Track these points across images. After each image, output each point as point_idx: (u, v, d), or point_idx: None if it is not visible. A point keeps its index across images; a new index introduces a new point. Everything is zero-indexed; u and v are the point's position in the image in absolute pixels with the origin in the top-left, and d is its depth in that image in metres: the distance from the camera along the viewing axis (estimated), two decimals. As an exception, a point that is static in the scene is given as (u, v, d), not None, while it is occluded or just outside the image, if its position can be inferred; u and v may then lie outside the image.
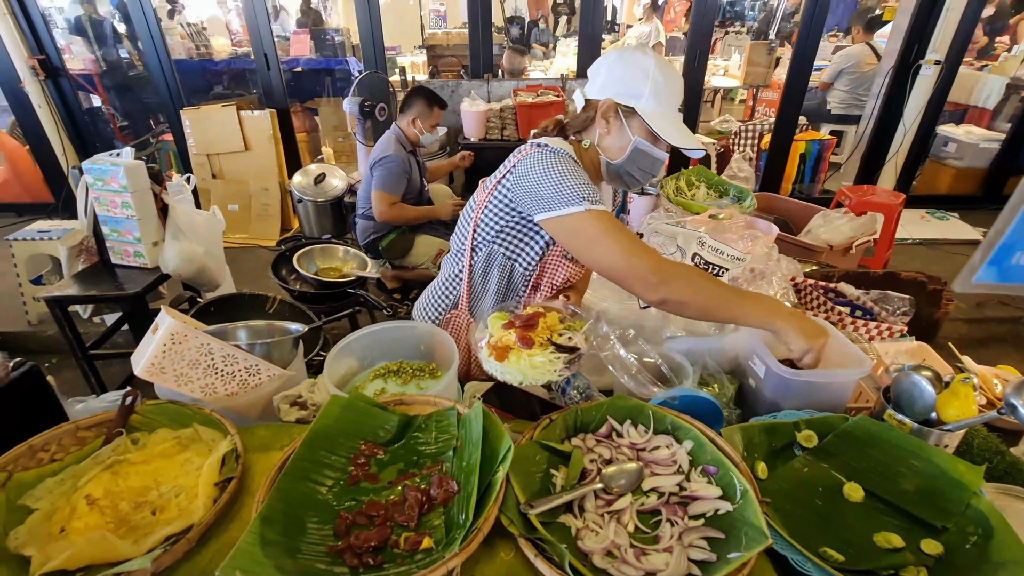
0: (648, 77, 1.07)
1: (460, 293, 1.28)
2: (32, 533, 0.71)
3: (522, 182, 1.08)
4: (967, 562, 0.71)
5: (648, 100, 1.08)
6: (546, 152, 1.07)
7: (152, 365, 0.90)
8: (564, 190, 1.01)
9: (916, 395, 0.88)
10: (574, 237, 1.03)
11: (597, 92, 1.12)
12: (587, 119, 1.15)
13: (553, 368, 0.94)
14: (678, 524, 0.74)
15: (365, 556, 0.69)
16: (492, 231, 1.18)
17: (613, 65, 1.10)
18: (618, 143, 1.12)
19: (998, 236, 0.54)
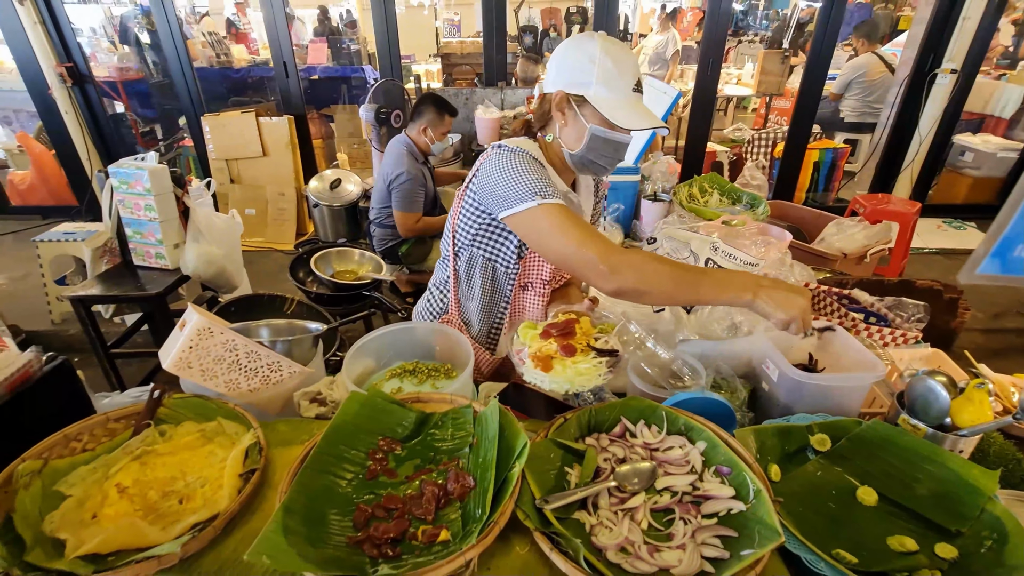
0: (595, 63, 1.06)
1: (449, 298, 1.31)
2: (66, 518, 0.74)
3: (484, 184, 1.11)
4: (981, 566, 0.71)
5: (598, 87, 1.07)
6: (504, 152, 1.10)
7: (179, 359, 0.93)
8: (517, 187, 1.04)
9: (931, 400, 0.88)
10: (530, 231, 1.05)
11: (550, 85, 1.13)
12: (545, 113, 1.17)
13: (598, 373, 0.95)
14: (691, 522, 0.75)
15: (384, 547, 0.71)
16: (469, 235, 1.21)
17: (563, 57, 1.10)
18: (575, 133, 1.13)
19: (1000, 229, 0.55)
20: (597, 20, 4.09)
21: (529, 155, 1.11)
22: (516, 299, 1.29)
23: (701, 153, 4.26)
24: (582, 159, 1.15)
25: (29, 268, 3.63)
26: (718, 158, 4.39)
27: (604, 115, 1.06)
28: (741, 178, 3.31)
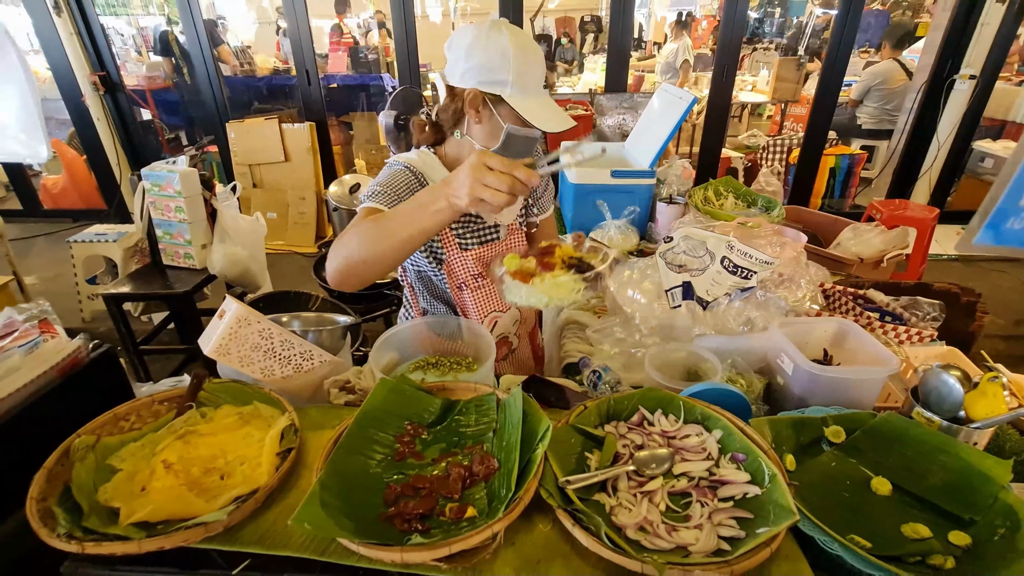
0: (509, 61, 1.02)
1: (412, 310, 1.37)
2: (118, 490, 0.79)
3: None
4: (994, 553, 0.73)
5: (514, 88, 1.04)
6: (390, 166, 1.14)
7: (219, 346, 0.98)
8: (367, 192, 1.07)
9: (944, 393, 0.90)
10: None
11: (460, 80, 1.07)
12: (456, 111, 1.12)
13: (576, 288, 0.92)
14: (708, 505, 0.78)
15: (413, 522, 0.75)
16: None
17: (472, 50, 1.04)
18: (490, 130, 1.10)
19: (993, 202, 0.58)
20: (612, 28, 4.14)
21: (403, 167, 1.10)
22: (458, 300, 1.29)
23: (716, 159, 4.28)
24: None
25: (60, 269, 3.76)
26: (733, 164, 4.41)
27: (525, 118, 1.04)
28: (756, 184, 3.31)
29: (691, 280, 1.26)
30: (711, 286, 1.25)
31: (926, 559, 0.73)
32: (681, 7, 9.87)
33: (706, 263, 1.29)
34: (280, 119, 4.12)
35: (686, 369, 1.15)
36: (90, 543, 0.68)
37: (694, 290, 1.24)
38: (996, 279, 3.52)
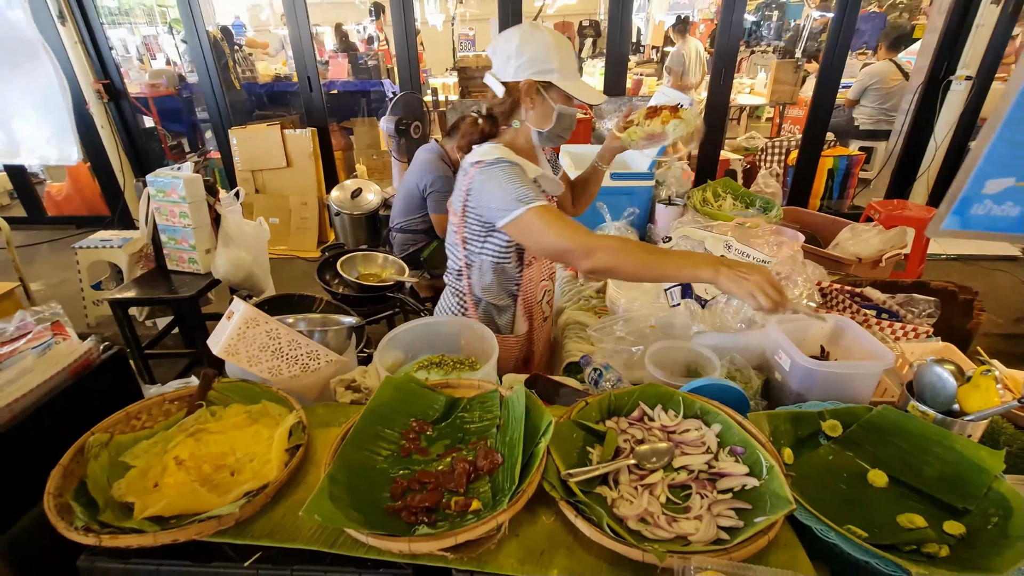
0: (553, 51, 1.19)
1: (468, 302, 1.42)
2: (131, 486, 0.81)
3: (480, 201, 1.23)
4: (987, 541, 0.75)
5: (559, 73, 1.20)
6: (484, 169, 1.20)
7: (228, 346, 1.00)
8: (505, 198, 1.14)
9: (938, 387, 0.92)
10: (521, 234, 1.17)
11: (513, 75, 1.22)
12: (512, 102, 1.26)
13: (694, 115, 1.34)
14: (707, 497, 0.79)
15: (420, 515, 0.77)
16: (478, 243, 1.33)
17: (522, 48, 1.19)
18: (544, 114, 1.25)
19: (958, 190, 0.61)
20: (610, 33, 4.18)
21: (506, 162, 1.20)
22: (525, 275, 1.41)
23: (714, 161, 4.31)
24: (550, 135, 1.28)
25: (65, 275, 3.79)
26: (731, 166, 4.43)
27: (572, 95, 1.22)
28: (755, 185, 3.34)
29: (690, 279, 1.28)
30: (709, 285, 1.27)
31: (921, 548, 0.75)
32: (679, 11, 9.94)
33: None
34: (282, 125, 4.16)
35: (686, 366, 1.17)
36: (107, 536, 0.70)
37: (692, 288, 1.26)
38: (996, 278, 3.53)
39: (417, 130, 3.83)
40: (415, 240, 2.74)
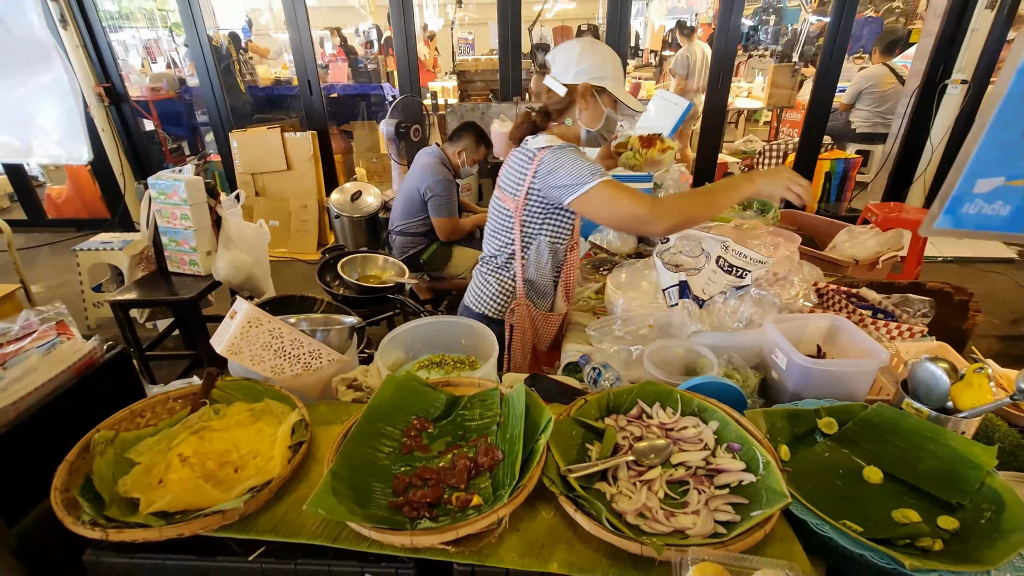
0: (608, 62, 1.38)
1: (516, 284, 1.51)
2: (136, 482, 0.82)
3: (547, 180, 1.34)
4: (980, 535, 0.76)
5: (612, 80, 1.38)
6: (554, 151, 1.33)
7: (231, 345, 1.01)
8: (576, 175, 1.28)
9: (932, 384, 0.93)
10: (592, 207, 1.30)
11: (573, 78, 1.37)
12: (568, 102, 1.41)
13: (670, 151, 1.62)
14: (705, 492, 0.81)
15: (421, 510, 0.78)
16: (536, 225, 1.44)
17: (582, 56, 1.37)
18: (595, 115, 1.42)
19: (950, 190, 0.62)
20: (609, 37, 4.21)
21: (572, 146, 1.36)
22: (568, 259, 1.55)
23: (712, 164, 4.33)
24: (597, 135, 1.45)
25: (65, 277, 3.80)
26: (730, 169, 4.46)
27: (622, 100, 1.40)
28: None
29: (687, 279, 1.30)
30: (707, 284, 1.29)
31: (915, 542, 0.76)
32: (677, 16, 9.99)
33: (702, 263, 1.32)
34: (282, 128, 4.18)
35: (683, 365, 1.18)
36: (113, 530, 0.71)
37: (690, 288, 1.28)
38: (992, 280, 3.56)
39: (417, 133, 3.85)
40: (415, 243, 2.76)
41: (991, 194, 0.63)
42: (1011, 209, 0.63)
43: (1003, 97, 0.56)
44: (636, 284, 1.46)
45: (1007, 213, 0.64)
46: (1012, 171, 0.61)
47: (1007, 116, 0.57)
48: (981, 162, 0.61)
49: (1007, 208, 0.64)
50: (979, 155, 0.61)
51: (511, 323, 1.54)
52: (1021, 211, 0.62)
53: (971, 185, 0.62)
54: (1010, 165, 0.61)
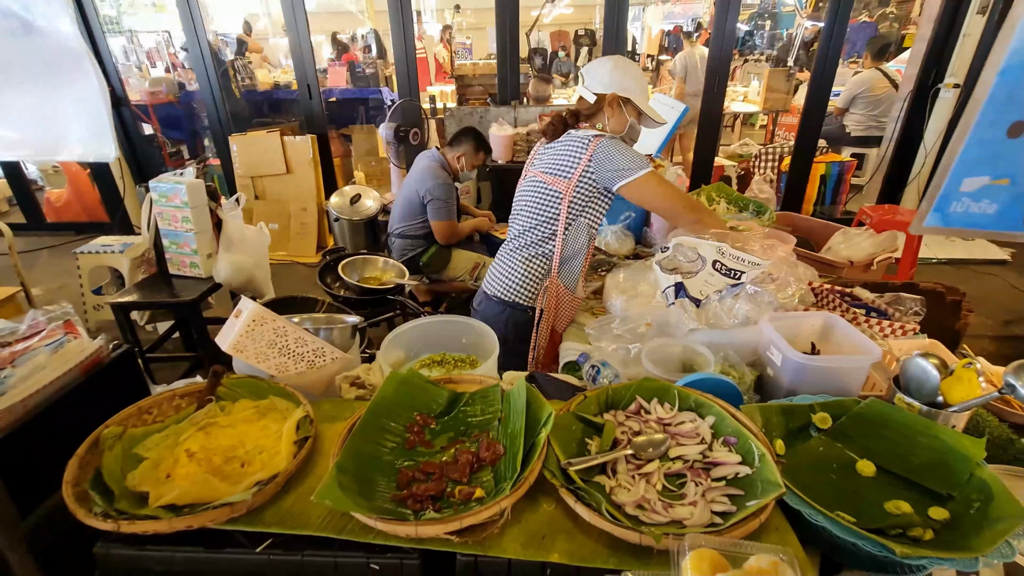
0: (635, 78, 1.56)
1: (552, 263, 1.61)
2: (145, 476, 0.83)
3: (604, 164, 1.48)
4: (969, 524, 0.78)
5: (638, 93, 1.56)
6: (609, 140, 1.50)
7: (237, 343, 1.03)
8: (633, 162, 1.46)
9: (923, 379, 0.95)
10: (642, 189, 1.48)
11: (603, 88, 1.55)
12: (597, 108, 1.58)
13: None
14: (702, 484, 0.83)
15: (425, 503, 0.80)
16: (580, 206, 1.56)
17: (613, 70, 1.55)
18: (620, 123, 1.59)
19: (937, 189, 0.65)
20: (606, 42, 4.25)
21: (619, 138, 1.54)
22: (590, 249, 1.67)
23: (709, 167, 4.37)
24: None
25: (65, 280, 3.80)
26: (726, 172, 4.49)
27: (646, 112, 1.57)
28: (749, 191, 3.40)
29: (684, 281, 1.32)
30: (704, 286, 1.31)
31: (907, 532, 0.78)
32: (674, 20, 10.07)
33: (699, 267, 1.35)
34: (282, 131, 4.20)
35: (681, 363, 1.20)
36: (124, 521, 0.72)
37: (687, 289, 1.30)
38: (986, 281, 3.59)
39: (416, 137, 3.88)
40: (414, 245, 2.78)
41: (977, 193, 0.65)
42: (997, 207, 0.66)
43: (985, 99, 0.59)
44: (634, 285, 1.48)
45: (993, 211, 0.66)
46: (996, 170, 0.64)
47: (990, 117, 0.60)
48: (966, 162, 0.64)
49: (993, 206, 0.66)
50: (964, 155, 0.63)
51: (541, 307, 1.63)
52: (1007, 209, 0.65)
53: (958, 184, 0.64)
54: (994, 165, 0.64)
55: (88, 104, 0.62)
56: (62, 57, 0.55)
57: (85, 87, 0.60)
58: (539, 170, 1.61)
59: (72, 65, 0.57)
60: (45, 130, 0.64)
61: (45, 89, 0.60)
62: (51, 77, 0.58)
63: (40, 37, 0.53)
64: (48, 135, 0.64)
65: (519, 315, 1.65)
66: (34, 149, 0.69)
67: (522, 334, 1.65)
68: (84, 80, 0.59)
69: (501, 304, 1.66)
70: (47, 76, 0.58)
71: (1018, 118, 0.58)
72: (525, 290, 1.64)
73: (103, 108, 0.61)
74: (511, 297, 1.65)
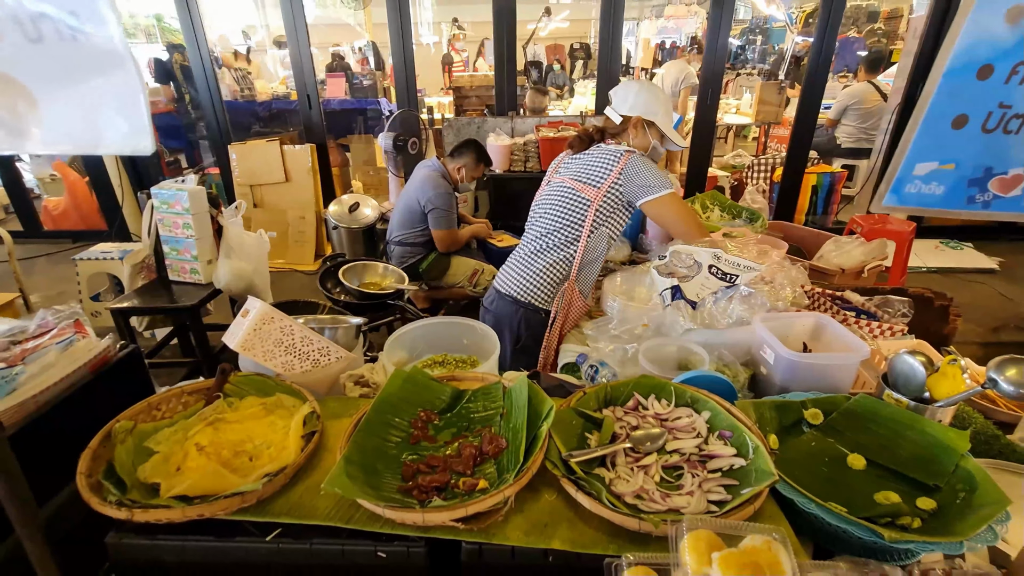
0: (660, 102, 1.63)
1: (571, 269, 1.65)
2: (155, 469, 0.85)
3: (633, 179, 1.55)
4: (955, 512, 0.81)
5: (662, 117, 1.63)
6: (639, 156, 1.57)
7: (245, 341, 1.05)
8: (658, 180, 1.53)
9: (910, 375, 0.99)
10: (662, 208, 1.55)
11: (628, 110, 1.64)
12: (623, 128, 1.67)
13: None
14: (698, 475, 0.85)
15: (430, 494, 0.82)
16: (605, 215, 1.61)
17: (639, 93, 1.64)
18: (643, 144, 1.66)
19: (894, 173, 0.70)
20: (601, 56, 4.34)
21: (643, 155, 1.59)
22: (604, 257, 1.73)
23: (703, 178, 4.44)
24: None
25: (63, 287, 3.80)
26: (719, 182, 4.57)
27: (669, 136, 1.65)
28: (742, 201, 3.45)
29: (681, 285, 1.36)
30: (700, 290, 1.35)
31: (896, 520, 0.81)
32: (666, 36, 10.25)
33: (695, 272, 1.39)
34: (281, 140, 4.24)
35: (677, 362, 1.23)
36: (138, 510, 0.74)
37: (683, 292, 1.34)
38: (975, 289, 3.66)
39: (414, 146, 3.93)
40: (413, 252, 2.81)
41: (928, 176, 0.73)
42: (944, 189, 0.73)
43: (933, 95, 0.66)
44: (631, 288, 1.52)
45: (941, 192, 0.74)
46: (943, 157, 0.72)
47: (937, 111, 0.67)
48: (918, 149, 0.71)
49: (941, 188, 0.74)
50: (916, 143, 0.71)
51: (556, 309, 1.66)
52: (953, 190, 0.72)
53: (911, 168, 0.70)
54: (941, 152, 0.72)
55: (128, 100, 0.65)
56: (106, 58, 0.58)
57: (126, 85, 0.63)
58: (568, 176, 1.66)
59: (114, 66, 0.60)
60: (85, 126, 0.66)
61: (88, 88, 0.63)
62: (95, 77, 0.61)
63: (86, 39, 0.56)
64: (88, 130, 0.67)
65: (532, 316, 1.68)
66: (74, 144, 0.71)
67: (534, 334, 1.68)
68: (126, 79, 0.62)
69: (516, 304, 1.70)
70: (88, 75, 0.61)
71: (960, 112, 0.66)
72: (543, 292, 1.67)
73: (142, 104, 0.65)
74: (527, 298, 1.68)
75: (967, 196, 0.72)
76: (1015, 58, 0.64)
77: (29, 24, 0.57)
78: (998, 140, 0.67)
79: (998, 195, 0.72)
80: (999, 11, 0.61)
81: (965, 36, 0.62)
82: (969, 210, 0.73)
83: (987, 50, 0.64)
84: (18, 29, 0.57)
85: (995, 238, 4.39)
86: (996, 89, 0.65)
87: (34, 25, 0.57)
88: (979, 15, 0.61)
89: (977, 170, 0.71)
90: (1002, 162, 0.70)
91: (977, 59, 0.65)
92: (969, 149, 0.68)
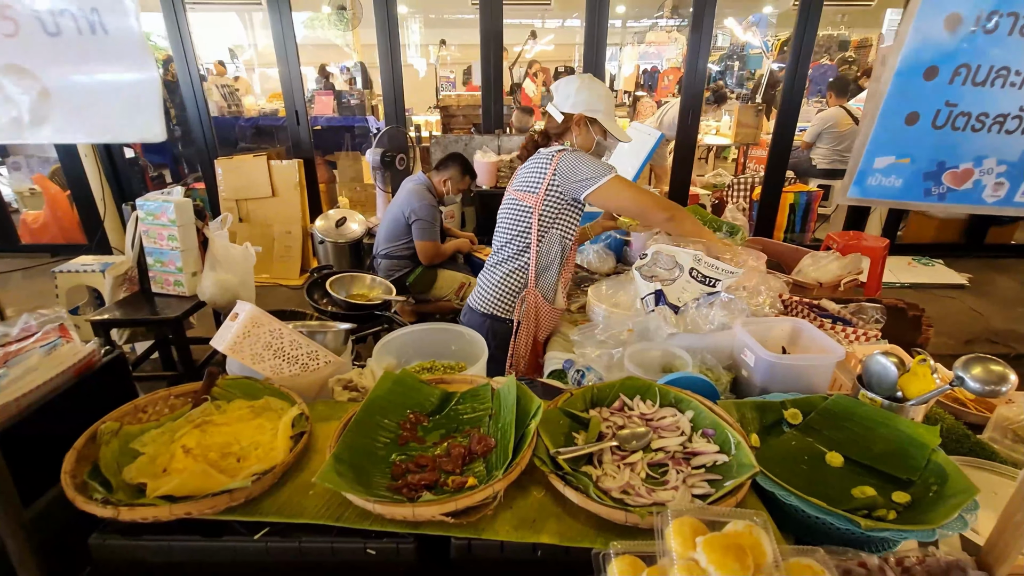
0: (602, 98, 1.61)
1: (529, 275, 1.66)
2: (142, 470, 0.85)
3: (567, 176, 1.54)
4: (928, 504, 0.84)
5: (605, 114, 1.62)
6: (571, 153, 1.56)
7: (234, 344, 1.06)
8: (595, 170, 1.50)
9: (883, 375, 1.03)
10: (609, 194, 1.51)
11: (571, 108, 1.62)
12: (565, 127, 1.65)
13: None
14: (682, 472, 0.87)
15: (420, 492, 0.83)
16: (551, 218, 1.61)
17: (580, 90, 1.60)
18: (586, 141, 1.66)
19: (856, 165, 0.76)
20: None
21: (582, 152, 1.59)
22: (568, 260, 1.72)
23: (684, 196, 4.55)
24: None
25: (40, 301, 3.72)
26: (701, 201, 4.68)
27: (611, 132, 1.63)
28: (724, 218, 3.55)
29: (663, 288, 1.40)
30: (681, 293, 1.38)
31: (872, 513, 0.84)
32: (649, 62, 10.58)
33: (676, 274, 1.43)
34: (268, 155, 4.25)
35: (661, 366, 1.26)
36: (125, 508, 0.74)
37: (665, 296, 1.37)
38: (946, 304, 3.78)
39: (401, 162, 3.98)
40: (400, 266, 2.82)
41: (887, 169, 0.78)
42: (902, 182, 0.79)
43: (887, 93, 0.72)
44: (615, 295, 1.55)
45: (900, 185, 0.80)
46: (899, 151, 0.78)
47: (891, 107, 0.73)
48: (876, 143, 0.77)
49: (899, 181, 0.79)
50: (874, 138, 0.76)
51: (518, 318, 1.66)
52: (909, 184, 0.78)
53: (871, 162, 0.76)
54: (897, 146, 0.77)
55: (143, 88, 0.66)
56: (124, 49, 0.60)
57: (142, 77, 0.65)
58: (513, 188, 1.69)
59: (132, 56, 0.61)
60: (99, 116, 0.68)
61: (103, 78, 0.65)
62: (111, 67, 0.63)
63: (104, 32, 0.58)
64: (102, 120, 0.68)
65: (498, 326, 1.70)
66: (88, 134, 0.72)
67: (502, 343, 1.69)
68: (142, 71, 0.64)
69: (481, 316, 1.72)
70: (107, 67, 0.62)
71: (912, 109, 0.73)
72: (502, 302, 1.69)
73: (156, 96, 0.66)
74: (490, 309, 1.71)
75: (923, 189, 0.78)
76: (956, 61, 0.70)
77: (48, 18, 0.59)
78: (947, 136, 0.74)
79: (952, 188, 0.78)
80: (939, 18, 0.67)
81: (911, 41, 0.68)
82: (927, 202, 0.79)
83: (931, 53, 0.70)
84: (36, 23, 0.59)
85: (964, 255, 4.56)
86: (942, 89, 0.72)
87: (53, 19, 0.59)
88: (921, 23, 0.67)
89: (931, 164, 0.77)
90: (953, 157, 0.76)
91: (923, 61, 0.71)
92: (922, 144, 0.75)
